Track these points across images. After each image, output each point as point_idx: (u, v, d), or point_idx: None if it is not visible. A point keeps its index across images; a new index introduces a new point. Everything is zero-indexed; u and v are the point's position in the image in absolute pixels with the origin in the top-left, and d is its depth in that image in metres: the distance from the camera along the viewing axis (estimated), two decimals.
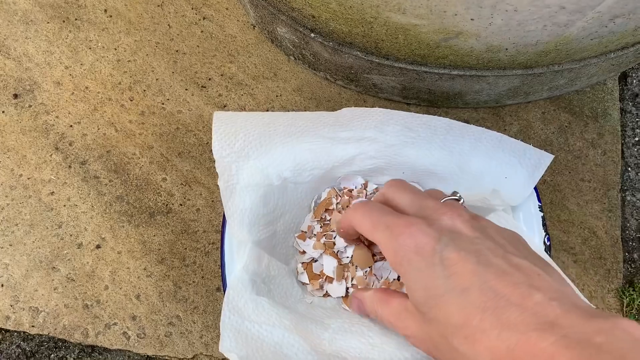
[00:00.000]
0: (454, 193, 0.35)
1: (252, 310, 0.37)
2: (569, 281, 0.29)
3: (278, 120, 0.41)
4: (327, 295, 0.42)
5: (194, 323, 0.45)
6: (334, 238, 0.42)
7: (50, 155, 0.51)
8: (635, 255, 0.49)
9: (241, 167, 0.40)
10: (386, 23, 0.40)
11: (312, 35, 0.48)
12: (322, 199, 0.43)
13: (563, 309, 0.24)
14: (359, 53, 0.47)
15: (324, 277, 0.42)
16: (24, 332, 0.45)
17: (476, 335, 0.26)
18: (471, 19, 0.37)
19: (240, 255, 0.39)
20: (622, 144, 0.53)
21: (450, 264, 0.28)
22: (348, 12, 0.40)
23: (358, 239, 0.40)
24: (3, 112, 0.52)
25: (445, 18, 0.37)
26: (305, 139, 0.41)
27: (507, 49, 0.42)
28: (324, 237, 0.42)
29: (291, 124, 0.41)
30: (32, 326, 0.45)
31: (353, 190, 0.44)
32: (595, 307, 0.26)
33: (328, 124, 0.42)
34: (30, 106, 0.52)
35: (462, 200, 0.35)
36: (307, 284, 0.42)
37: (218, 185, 0.49)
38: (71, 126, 0.52)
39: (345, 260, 0.42)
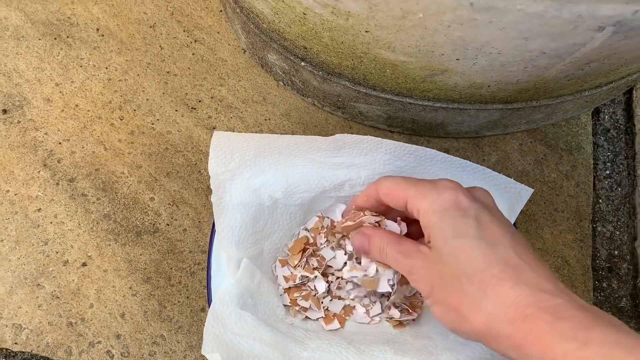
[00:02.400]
0: None
1: (234, 322, 0.38)
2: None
3: (273, 142, 0.43)
4: (307, 318, 0.43)
5: (178, 343, 0.46)
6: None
7: (38, 172, 0.51)
8: (604, 284, 0.52)
9: (235, 186, 0.42)
10: (375, 58, 0.42)
11: (303, 64, 0.49)
12: (309, 227, 0.45)
13: (569, 290, 0.29)
14: (347, 83, 0.49)
15: (299, 307, 0.43)
16: (6, 349, 0.45)
17: (492, 281, 0.29)
18: (457, 59, 0.39)
19: (230, 269, 0.40)
20: (594, 177, 0.56)
21: (484, 222, 0.32)
22: (339, 47, 0.42)
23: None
24: None
25: (432, 57, 0.39)
26: (298, 162, 0.43)
27: (489, 86, 0.44)
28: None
29: (286, 147, 0.43)
30: (15, 343, 0.45)
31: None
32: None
33: (321, 149, 0.43)
34: (19, 122, 0.53)
35: None
36: (288, 305, 0.43)
37: (205, 206, 0.51)
38: (60, 143, 0.52)
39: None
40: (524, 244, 0.32)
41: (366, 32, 0.38)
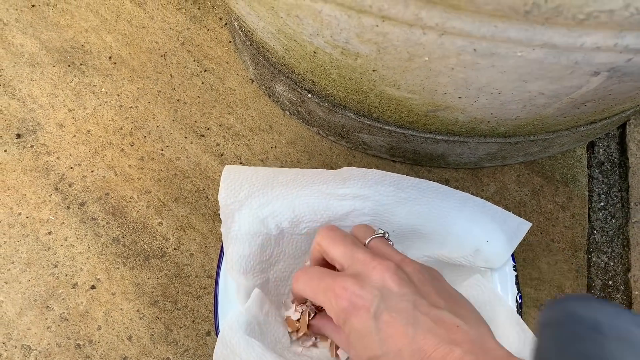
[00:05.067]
0: (378, 229, 0.40)
1: (242, 349, 0.39)
2: (481, 320, 0.34)
3: (281, 175, 0.45)
4: (314, 345, 0.44)
5: None
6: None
7: (50, 196, 0.52)
8: None
9: (243, 216, 0.43)
10: (381, 94, 0.44)
11: (309, 95, 0.51)
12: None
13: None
14: (352, 115, 0.51)
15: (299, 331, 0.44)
16: None
17: None
18: (459, 97, 0.41)
19: (239, 297, 0.41)
20: (589, 208, 0.58)
21: (384, 327, 0.32)
22: (347, 83, 0.44)
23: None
24: (5, 151, 0.54)
25: (435, 95, 0.41)
26: (304, 193, 0.44)
27: (488, 122, 0.46)
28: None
29: (293, 179, 0.45)
30: None
31: None
32: (502, 348, 0.32)
33: (327, 181, 0.45)
34: (32, 146, 0.54)
35: (386, 235, 0.39)
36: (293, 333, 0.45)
37: (212, 232, 0.52)
38: (71, 168, 0.54)
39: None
40: (425, 326, 0.32)
41: (373, 71, 0.39)
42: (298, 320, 0.44)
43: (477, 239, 0.45)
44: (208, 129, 0.57)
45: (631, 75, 0.36)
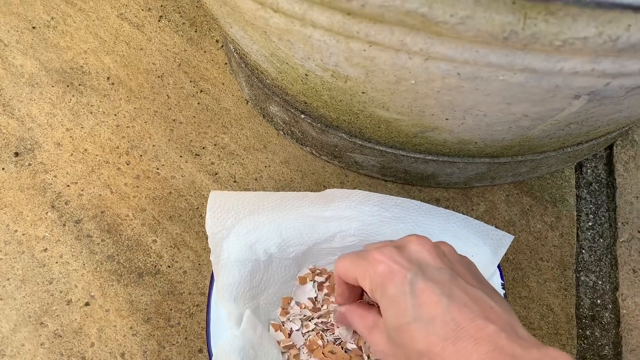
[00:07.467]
0: None
1: None
2: (512, 310, 0.35)
3: (267, 200, 0.46)
4: None
5: None
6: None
7: (46, 213, 0.53)
8: (587, 332, 0.54)
9: (231, 243, 0.44)
10: (371, 115, 0.45)
11: (302, 116, 0.52)
12: (302, 275, 0.47)
13: (509, 339, 0.29)
14: (344, 135, 0.52)
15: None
16: None
17: None
18: (446, 119, 0.42)
19: (230, 325, 0.42)
20: (578, 228, 0.59)
21: (419, 293, 0.32)
22: (337, 104, 0.45)
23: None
24: (3, 169, 0.55)
25: (423, 116, 0.42)
26: (290, 217, 0.45)
27: (476, 143, 0.47)
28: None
29: (278, 204, 0.46)
30: None
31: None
32: (532, 336, 0.32)
33: (312, 204, 0.46)
34: (29, 165, 0.55)
35: None
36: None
37: (205, 249, 0.53)
38: (68, 186, 0.55)
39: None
40: (461, 300, 0.32)
41: (363, 93, 0.41)
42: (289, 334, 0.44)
43: (462, 254, 0.45)
44: (203, 148, 0.58)
45: (611, 98, 0.37)
